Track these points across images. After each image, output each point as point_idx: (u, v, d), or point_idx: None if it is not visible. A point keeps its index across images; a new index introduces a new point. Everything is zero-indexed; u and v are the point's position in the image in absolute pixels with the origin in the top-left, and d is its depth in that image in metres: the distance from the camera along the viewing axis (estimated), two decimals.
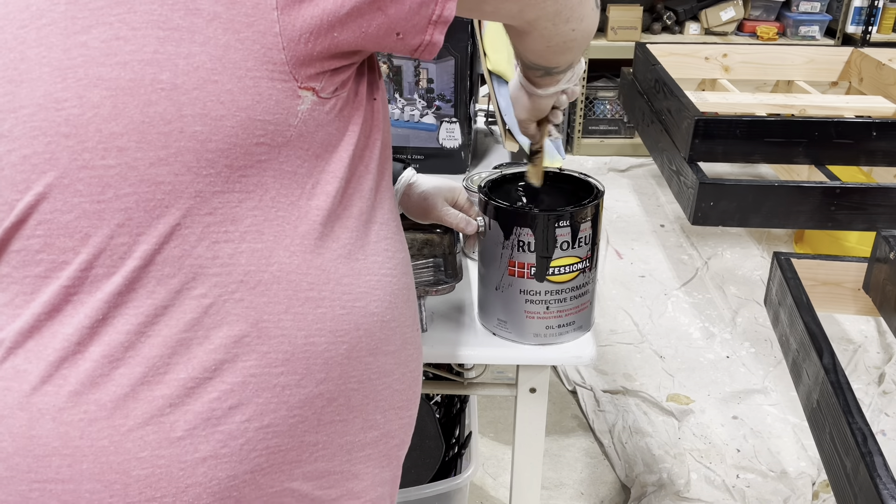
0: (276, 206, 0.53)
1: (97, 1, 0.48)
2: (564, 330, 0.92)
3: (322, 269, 0.55)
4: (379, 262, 0.60)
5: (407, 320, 0.65)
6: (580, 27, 0.67)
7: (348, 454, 0.61)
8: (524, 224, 0.86)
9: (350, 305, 0.57)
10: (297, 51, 0.51)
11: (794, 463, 1.80)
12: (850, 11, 3.39)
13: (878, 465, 0.96)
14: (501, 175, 0.96)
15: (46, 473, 0.51)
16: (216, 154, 0.50)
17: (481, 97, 1.59)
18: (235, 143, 0.50)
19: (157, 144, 0.49)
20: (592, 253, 0.90)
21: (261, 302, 0.53)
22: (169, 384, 0.51)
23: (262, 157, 0.52)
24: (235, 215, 0.52)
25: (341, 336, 0.57)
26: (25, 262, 0.51)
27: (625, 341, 2.26)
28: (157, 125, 0.49)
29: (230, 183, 0.51)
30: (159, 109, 0.48)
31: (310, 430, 0.57)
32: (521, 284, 0.89)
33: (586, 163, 3.54)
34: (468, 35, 1.28)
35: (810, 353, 1.20)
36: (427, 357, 0.93)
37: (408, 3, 0.52)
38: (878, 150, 2.00)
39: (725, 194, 1.94)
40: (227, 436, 0.53)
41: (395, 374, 0.63)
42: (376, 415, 0.62)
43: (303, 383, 0.55)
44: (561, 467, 1.81)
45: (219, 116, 0.49)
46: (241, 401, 0.53)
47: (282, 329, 0.54)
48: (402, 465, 0.71)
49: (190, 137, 0.49)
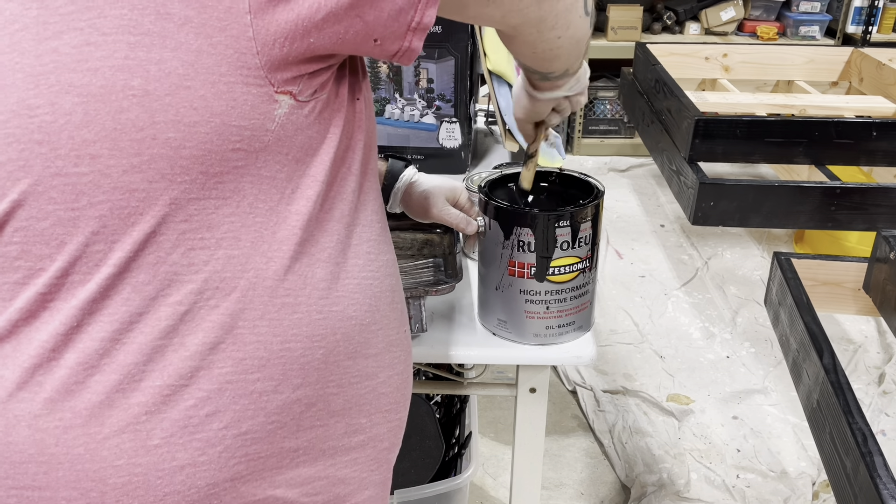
0: (253, 211, 0.53)
1: (68, 6, 0.47)
2: (564, 330, 0.92)
3: (300, 273, 0.55)
4: (360, 266, 0.59)
5: (392, 322, 0.64)
6: (566, 34, 0.66)
7: (332, 459, 0.60)
8: (524, 224, 0.86)
9: (327, 310, 0.57)
10: (271, 55, 0.50)
11: (794, 463, 1.80)
12: (851, 11, 3.39)
13: (878, 465, 0.96)
14: (501, 175, 0.96)
15: (23, 480, 0.50)
16: (190, 161, 0.49)
17: (481, 97, 1.59)
18: (210, 150, 0.50)
19: (129, 152, 0.48)
20: (592, 253, 0.90)
21: (236, 308, 0.52)
22: (144, 391, 0.51)
23: (239, 163, 0.51)
24: (212, 222, 0.51)
25: (318, 341, 0.56)
26: (3, 268, 0.50)
27: (625, 341, 2.26)
28: (130, 132, 0.48)
29: (206, 189, 0.51)
30: (131, 116, 0.48)
31: (289, 435, 0.56)
32: (521, 284, 0.89)
33: (586, 163, 3.54)
34: (468, 35, 1.28)
35: (810, 353, 1.20)
36: (427, 357, 0.93)
37: (386, 9, 0.51)
38: (878, 150, 2.00)
39: (725, 194, 1.94)
40: (204, 443, 0.52)
41: (380, 377, 0.63)
42: (360, 418, 0.62)
43: (280, 389, 0.55)
44: (561, 467, 1.81)
45: (192, 123, 0.49)
46: (218, 408, 0.52)
47: (257, 335, 0.53)
48: (403, 466, 0.71)
49: (163, 144, 0.49)
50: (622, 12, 3.44)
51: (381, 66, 1.32)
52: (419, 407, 1.39)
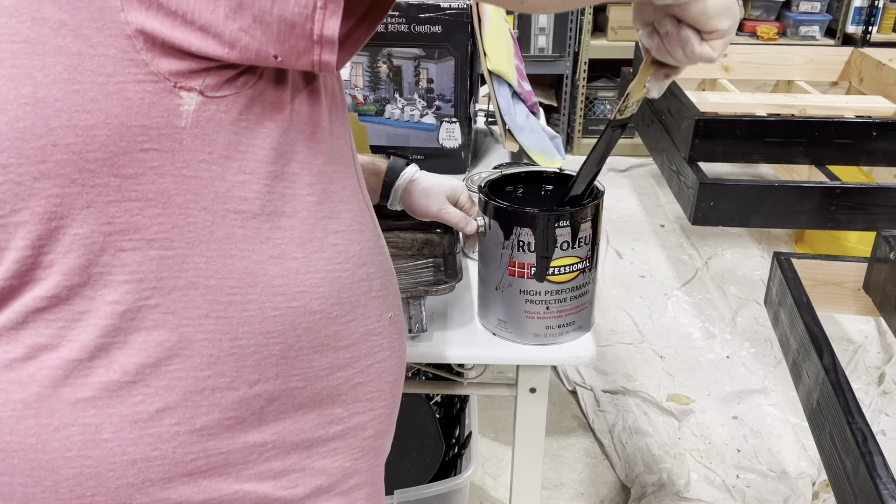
0: (184, 212, 0.52)
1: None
2: (564, 330, 0.92)
3: (248, 271, 0.54)
4: (325, 258, 0.58)
5: (370, 312, 0.63)
6: None
7: (307, 451, 0.60)
8: (524, 224, 0.86)
9: (284, 306, 0.56)
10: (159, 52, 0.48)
11: (794, 463, 1.80)
12: (850, 11, 3.39)
13: (878, 465, 0.96)
14: (501, 175, 0.96)
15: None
16: (97, 164, 0.49)
17: (481, 97, 1.59)
18: (116, 152, 0.49)
19: (35, 159, 0.48)
20: (592, 253, 0.90)
21: (178, 307, 0.53)
22: (91, 387, 0.52)
23: (155, 164, 0.50)
24: (138, 224, 0.51)
25: (274, 337, 0.56)
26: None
27: (625, 341, 2.26)
28: (30, 140, 0.48)
29: (123, 192, 0.50)
30: (28, 124, 0.48)
31: (251, 430, 0.56)
32: (521, 284, 0.89)
33: None
34: (468, 35, 1.28)
35: (810, 353, 1.20)
36: (427, 357, 0.93)
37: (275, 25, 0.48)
38: (878, 150, 2.00)
39: (725, 194, 1.94)
40: (156, 439, 0.53)
41: (355, 366, 0.62)
42: (336, 409, 0.61)
43: (234, 385, 0.55)
44: (561, 467, 1.81)
45: (89, 126, 0.48)
46: (168, 404, 0.53)
47: (204, 333, 0.53)
48: (403, 466, 0.71)
49: (65, 150, 0.48)
50: (622, 12, 3.44)
51: (381, 66, 1.32)
52: (419, 407, 1.39)
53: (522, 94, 1.35)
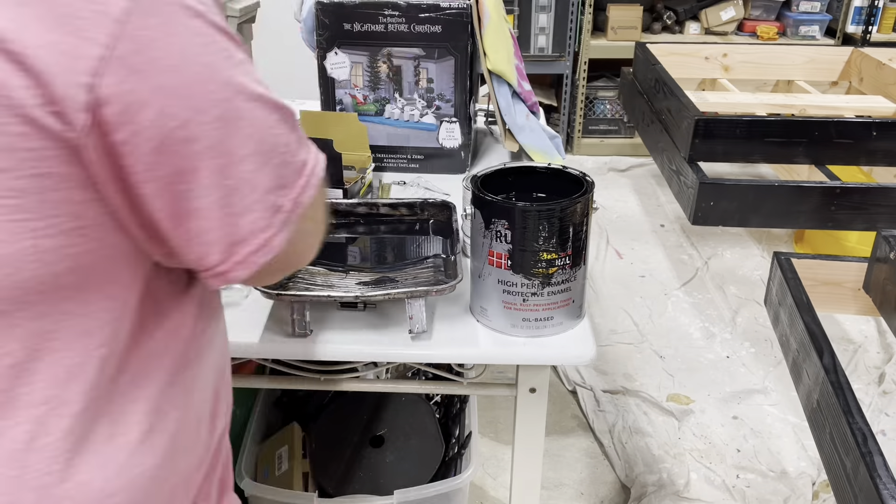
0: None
1: None
2: (542, 324, 0.92)
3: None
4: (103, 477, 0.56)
5: None
6: None
7: None
8: (502, 216, 0.87)
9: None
10: None
11: (794, 463, 1.80)
12: (851, 11, 3.39)
13: (878, 465, 0.96)
14: (502, 167, 0.97)
15: None
16: None
17: (481, 97, 1.58)
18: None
19: None
20: (574, 250, 0.90)
21: None
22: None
23: None
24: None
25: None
26: None
27: (625, 341, 2.26)
28: None
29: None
30: None
31: None
32: (498, 274, 0.90)
33: (586, 163, 3.54)
34: (468, 35, 1.28)
35: (810, 353, 1.20)
36: (427, 357, 0.93)
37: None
38: (878, 150, 2.00)
39: (725, 194, 1.94)
40: None
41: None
42: None
43: None
44: (561, 467, 1.81)
45: None
46: None
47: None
48: (403, 466, 0.70)
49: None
50: (622, 12, 3.44)
51: (381, 66, 1.32)
52: (419, 407, 1.39)
53: (522, 94, 1.35)
